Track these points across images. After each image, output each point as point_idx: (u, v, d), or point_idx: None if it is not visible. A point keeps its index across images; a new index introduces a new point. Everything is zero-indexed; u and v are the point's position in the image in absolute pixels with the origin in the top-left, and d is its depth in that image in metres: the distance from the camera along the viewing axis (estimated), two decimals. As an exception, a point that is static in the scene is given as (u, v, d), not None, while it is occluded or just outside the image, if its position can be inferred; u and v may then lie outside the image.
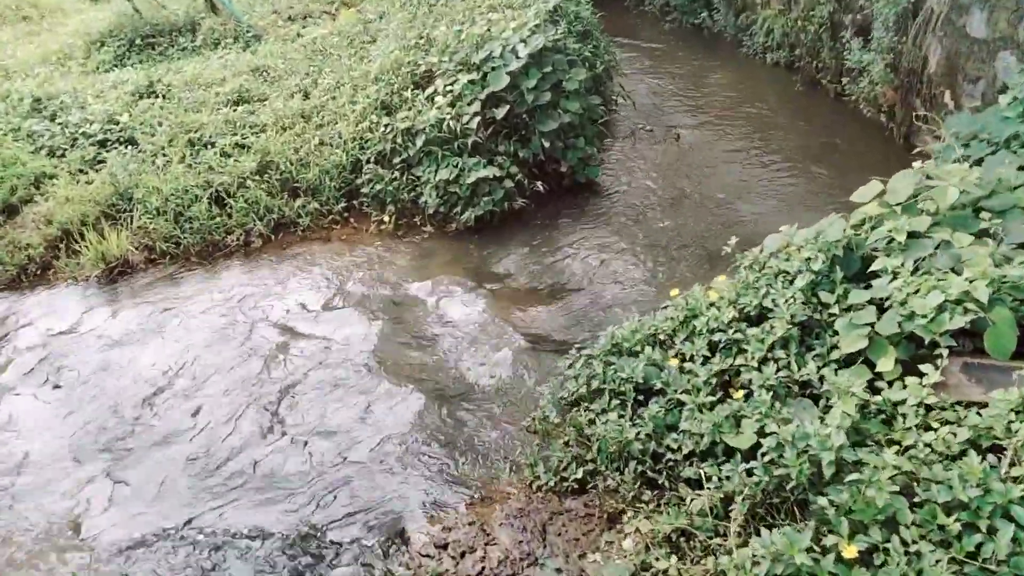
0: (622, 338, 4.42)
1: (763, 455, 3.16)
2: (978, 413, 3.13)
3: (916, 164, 6.33)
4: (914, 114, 7.73)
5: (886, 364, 3.48)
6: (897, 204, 4.22)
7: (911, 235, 3.80)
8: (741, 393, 3.59)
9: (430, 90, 7.48)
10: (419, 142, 7.03)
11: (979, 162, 5.68)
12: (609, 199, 7.28)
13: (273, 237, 6.87)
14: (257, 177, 7.06)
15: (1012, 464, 2.78)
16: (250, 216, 6.88)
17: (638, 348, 4.33)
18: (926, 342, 3.41)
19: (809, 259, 3.99)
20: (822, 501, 2.85)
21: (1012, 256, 3.70)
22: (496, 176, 6.84)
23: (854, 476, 2.77)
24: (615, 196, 7.34)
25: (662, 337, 4.37)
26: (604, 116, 7.73)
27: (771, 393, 3.59)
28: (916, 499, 2.78)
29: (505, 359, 4.97)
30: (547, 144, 7.14)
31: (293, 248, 6.73)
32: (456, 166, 6.89)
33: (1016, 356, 3.27)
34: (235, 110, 8.05)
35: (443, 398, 4.78)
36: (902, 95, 7.80)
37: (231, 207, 6.89)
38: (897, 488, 2.75)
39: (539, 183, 7.07)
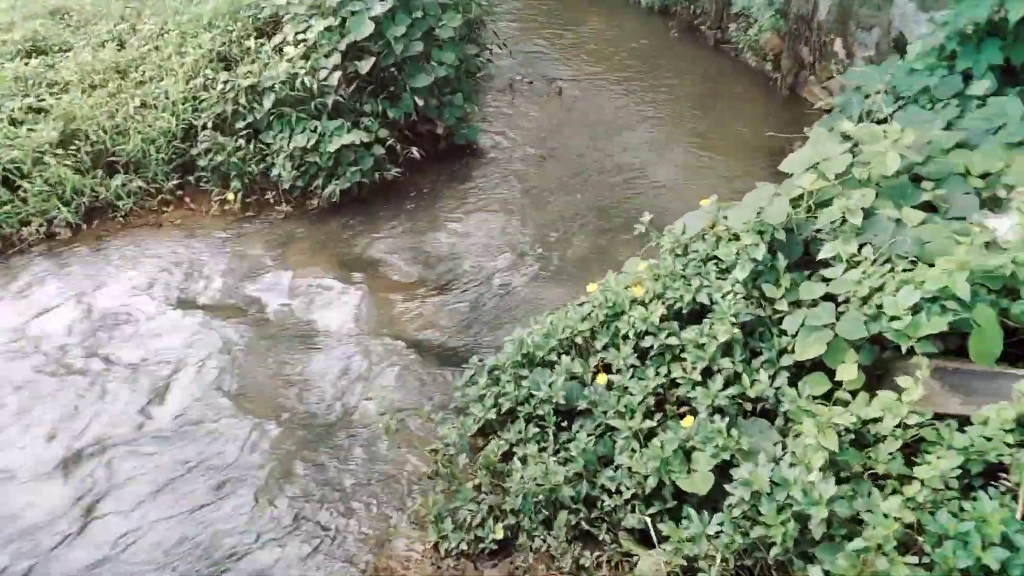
0: (533, 345, 3.70)
1: (731, 507, 2.57)
2: (961, 429, 2.68)
3: (817, 124, 6.01)
4: (801, 64, 7.42)
5: (848, 372, 2.96)
6: (837, 176, 3.70)
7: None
8: (690, 421, 2.97)
9: (278, 39, 6.28)
10: (267, 103, 5.87)
11: (883, 122, 5.37)
12: (494, 163, 6.48)
13: (85, 226, 5.53)
14: (60, 150, 5.63)
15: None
16: (52, 201, 5.49)
17: (553, 357, 3.64)
18: (892, 344, 2.92)
19: (749, 245, 3.39)
20: (815, 573, 2.28)
21: (970, 234, 3.26)
22: (363, 141, 5.85)
23: (858, 543, 2.22)
24: (500, 160, 6.55)
25: (580, 342, 3.69)
26: (482, 68, 6.84)
27: (721, 415, 3.00)
28: (924, 560, 2.27)
29: (390, 376, 4.11)
30: (420, 102, 6.20)
31: (113, 238, 5.43)
32: (314, 131, 5.82)
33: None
34: (27, 64, 6.46)
35: (314, 436, 3.86)
36: (789, 43, 7.44)
37: (25, 190, 5.48)
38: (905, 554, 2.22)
39: (414, 148, 6.14)
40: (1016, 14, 4.61)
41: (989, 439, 2.55)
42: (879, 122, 5.38)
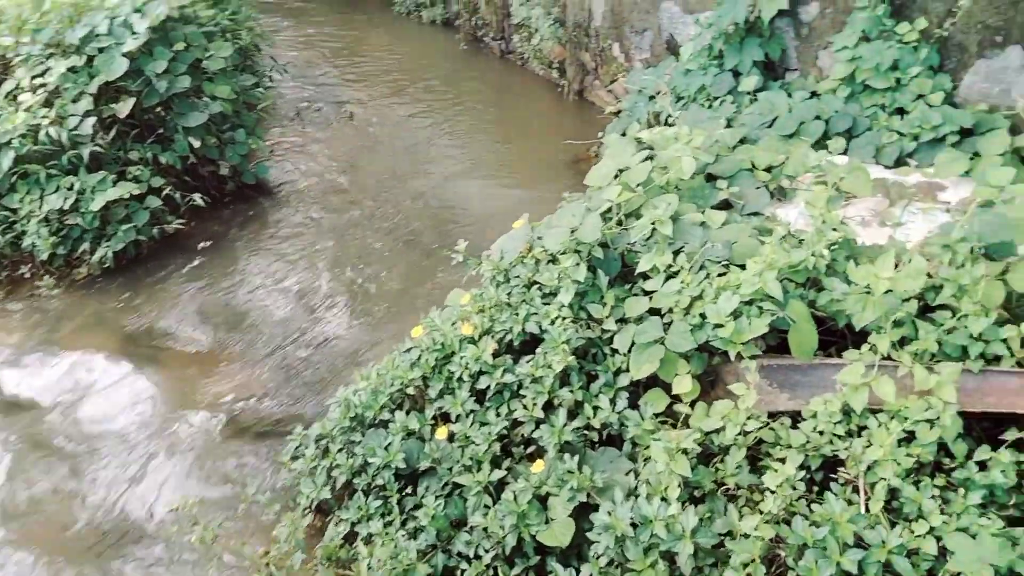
0: (361, 405, 3.38)
1: (597, 557, 2.43)
2: (795, 425, 2.75)
3: (609, 127, 6.17)
4: (585, 70, 7.63)
5: (683, 384, 2.96)
6: (639, 185, 3.73)
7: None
8: (540, 465, 2.81)
9: (8, 85, 5.40)
10: (5, 162, 5.01)
11: (664, 122, 5.60)
12: (291, 200, 6.02)
13: None
14: None
15: (866, 495, 2.39)
16: None
17: (386, 415, 3.34)
18: (719, 349, 2.95)
19: (570, 267, 3.31)
20: (691, 612, 2.20)
21: (769, 230, 3.39)
22: (134, 194, 5.17)
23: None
24: (297, 196, 6.09)
25: (412, 392, 3.42)
26: (263, 99, 6.33)
27: (570, 451, 2.87)
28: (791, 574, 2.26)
29: (197, 468, 3.59)
30: (196, 143, 5.60)
31: None
32: (71, 188, 5.06)
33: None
34: None
35: (102, 562, 3.23)
36: (571, 50, 7.62)
37: None
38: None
39: (196, 195, 5.53)
40: (768, 13, 4.95)
41: (821, 433, 2.62)
42: (666, 123, 5.63)
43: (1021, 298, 2.69)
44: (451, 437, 3.15)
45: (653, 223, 3.29)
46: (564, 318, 3.26)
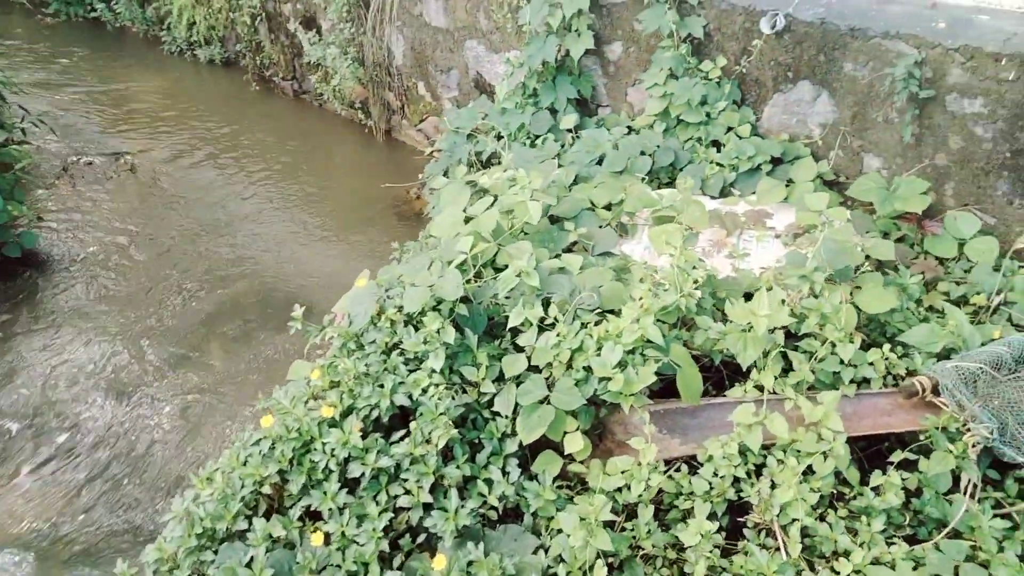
0: (208, 516, 2.86)
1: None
2: (693, 471, 2.72)
3: (428, 168, 5.98)
4: (390, 109, 7.42)
5: (575, 443, 2.83)
6: (490, 233, 3.59)
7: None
8: (441, 560, 2.52)
9: None
10: None
11: (485, 164, 5.55)
12: (70, 272, 5.15)
13: None
14: None
15: (782, 539, 2.39)
16: None
17: (241, 524, 2.86)
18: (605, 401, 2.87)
19: (438, 330, 3.06)
20: None
21: (627, 272, 3.40)
22: None
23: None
24: (74, 267, 5.23)
25: (270, 491, 2.97)
26: (19, 157, 5.39)
27: (470, 537, 2.62)
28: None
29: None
30: (-63, 215, 4.61)
31: None
32: None
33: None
34: None
35: None
36: (373, 90, 7.37)
37: None
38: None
39: (-56, 278, 4.54)
40: (577, 52, 5.07)
41: (723, 477, 2.60)
42: (488, 163, 5.57)
43: (870, 320, 2.88)
44: (327, 539, 2.76)
45: (519, 274, 3.14)
46: (437, 385, 3.00)
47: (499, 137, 5.58)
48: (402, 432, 2.98)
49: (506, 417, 2.94)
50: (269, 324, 3.96)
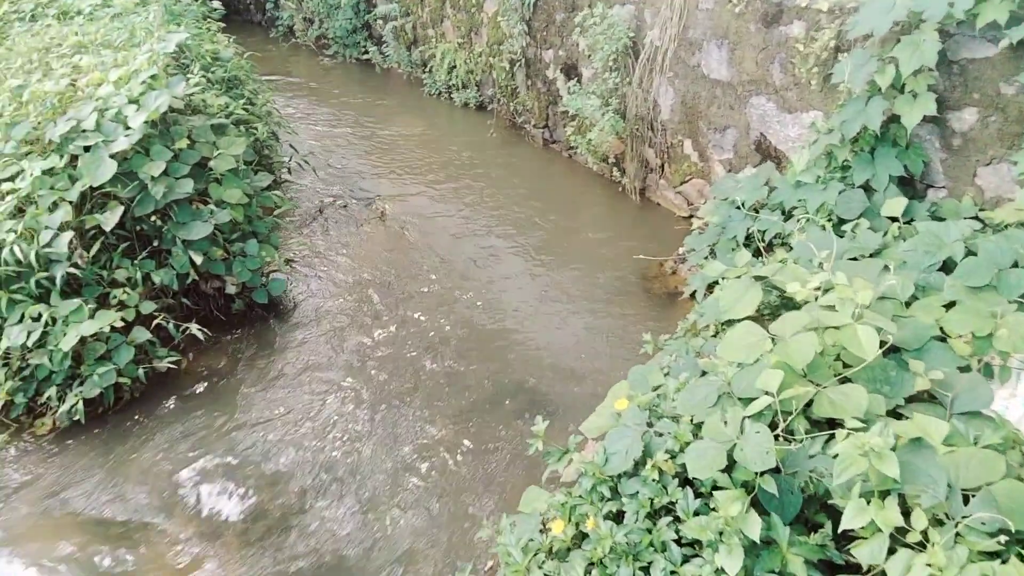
0: None
1: None
2: None
3: (688, 240, 5.15)
4: (647, 167, 6.69)
5: None
6: (805, 370, 2.67)
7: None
8: None
9: (-28, 189, 4.44)
10: (-45, 287, 4.00)
11: (767, 247, 4.59)
12: (312, 322, 4.98)
13: None
14: None
15: None
16: None
17: None
18: None
19: (735, 514, 2.20)
20: None
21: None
22: (115, 327, 4.13)
23: None
24: (318, 316, 5.06)
25: None
26: (280, 203, 5.36)
27: None
28: None
29: None
30: (198, 258, 4.59)
31: None
32: (38, 319, 4.03)
33: None
34: None
35: None
36: (632, 145, 6.69)
37: None
38: None
39: (193, 325, 4.48)
40: (911, 120, 3.99)
41: None
42: (770, 246, 4.61)
43: None
44: None
45: (864, 452, 2.19)
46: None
47: (788, 216, 4.60)
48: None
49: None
50: (497, 411, 3.33)
